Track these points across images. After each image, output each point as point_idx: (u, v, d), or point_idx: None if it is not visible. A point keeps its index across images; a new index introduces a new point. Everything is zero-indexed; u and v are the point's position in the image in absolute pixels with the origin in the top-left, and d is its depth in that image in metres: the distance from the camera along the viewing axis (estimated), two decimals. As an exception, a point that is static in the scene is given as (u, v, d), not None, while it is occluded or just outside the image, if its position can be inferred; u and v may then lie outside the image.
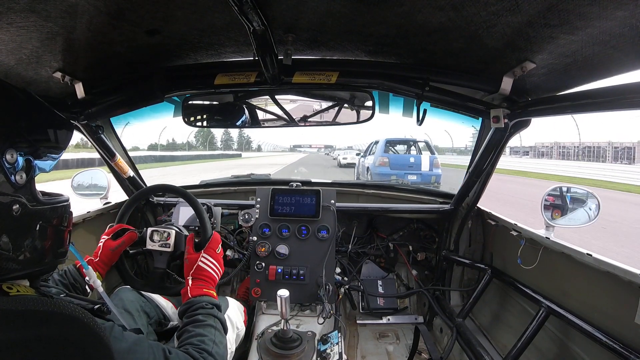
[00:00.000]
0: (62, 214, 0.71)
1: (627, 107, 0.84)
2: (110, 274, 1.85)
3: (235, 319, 1.39)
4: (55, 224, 0.69)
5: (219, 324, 0.93)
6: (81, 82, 1.27)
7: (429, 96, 1.28)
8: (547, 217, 1.46)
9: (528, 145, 44.04)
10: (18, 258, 0.60)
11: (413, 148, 10.30)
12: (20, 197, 0.61)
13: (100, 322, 0.61)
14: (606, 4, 0.68)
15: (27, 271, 0.63)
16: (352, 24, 0.97)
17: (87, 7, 0.81)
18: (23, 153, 0.61)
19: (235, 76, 1.31)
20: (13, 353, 0.47)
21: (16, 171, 0.60)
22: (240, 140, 72.63)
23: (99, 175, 1.98)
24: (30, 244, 0.63)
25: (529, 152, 42.35)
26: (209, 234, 1.17)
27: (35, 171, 0.64)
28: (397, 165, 9.25)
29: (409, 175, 9.04)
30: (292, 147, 77.62)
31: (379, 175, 9.13)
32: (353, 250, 2.07)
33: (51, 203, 0.68)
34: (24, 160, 0.61)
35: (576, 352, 1.23)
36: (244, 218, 1.83)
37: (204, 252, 1.08)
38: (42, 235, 0.66)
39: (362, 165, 11.08)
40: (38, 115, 0.67)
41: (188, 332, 0.87)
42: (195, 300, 0.97)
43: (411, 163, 9.28)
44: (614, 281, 1.07)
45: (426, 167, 9.18)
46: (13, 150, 0.59)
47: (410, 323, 2.10)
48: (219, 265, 1.10)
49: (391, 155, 9.76)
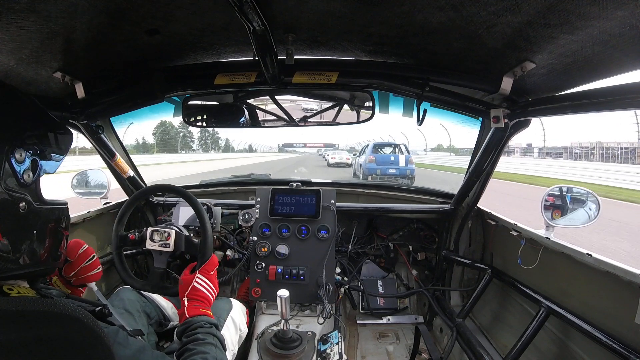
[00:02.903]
0: (61, 217, 0.74)
1: (627, 107, 0.84)
2: (110, 274, 1.86)
3: (239, 320, 1.39)
4: (55, 226, 0.72)
5: (218, 342, 0.94)
6: (81, 82, 1.27)
7: (429, 96, 1.28)
8: (547, 217, 1.46)
9: (561, 146, 37.78)
10: (18, 257, 0.61)
11: (396, 149, 13.40)
12: (26, 195, 0.63)
13: (103, 326, 0.61)
14: (606, 4, 0.68)
15: (26, 270, 0.64)
16: (352, 24, 0.97)
17: (87, 7, 0.81)
18: (31, 153, 0.64)
19: (235, 76, 1.30)
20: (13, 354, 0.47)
21: (24, 170, 0.62)
22: (202, 137, 54.83)
23: (99, 174, 1.98)
24: (30, 243, 0.64)
25: (562, 154, 35.99)
26: (207, 255, 1.16)
27: (41, 172, 0.67)
28: (381, 162, 12.51)
29: (390, 169, 12.26)
30: (282, 146, 62.52)
31: (368, 169, 12.42)
32: (353, 250, 2.07)
33: (53, 204, 0.70)
34: (30, 161, 0.64)
35: (576, 352, 1.23)
36: (244, 218, 1.83)
37: (199, 273, 1.08)
38: (43, 235, 0.67)
39: (357, 163, 14.61)
40: (43, 118, 0.71)
41: (189, 351, 0.87)
42: (194, 320, 0.97)
43: (392, 160, 12.60)
44: (614, 281, 1.07)
45: (403, 164, 12.34)
46: (22, 149, 0.62)
47: (410, 323, 2.10)
48: (214, 287, 1.10)
49: (377, 154, 12.98)
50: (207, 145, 56.36)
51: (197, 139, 54.54)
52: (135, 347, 0.70)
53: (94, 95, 1.34)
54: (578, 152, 34.84)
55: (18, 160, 0.61)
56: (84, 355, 0.55)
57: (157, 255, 1.30)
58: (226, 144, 61.93)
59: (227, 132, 63.70)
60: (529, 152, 40.34)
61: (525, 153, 39.88)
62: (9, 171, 0.60)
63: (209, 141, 56.68)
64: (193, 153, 49.02)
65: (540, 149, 37.92)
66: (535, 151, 39.20)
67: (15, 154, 0.60)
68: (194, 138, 53.32)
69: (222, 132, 56.88)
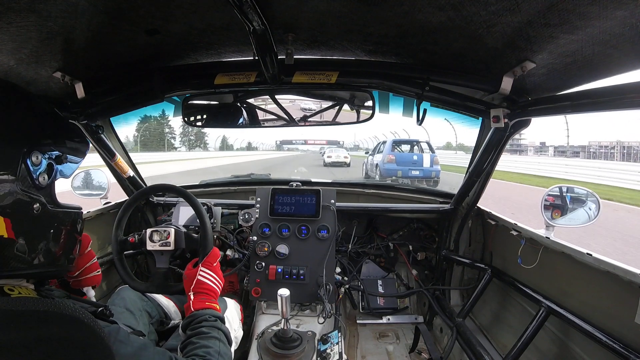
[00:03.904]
0: (76, 220, 0.77)
1: (627, 107, 0.84)
2: (110, 274, 1.87)
3: (233, 320, 1.39)
4: (70, 229, 0.74)
5: (223, 335, 0.93)
6: (81, 82, 1.26)
7: (429, 96, 1.28)
8: (547, 217, 1.47)
9: (578, 145, 34.89)
10: (33, 257, 0.64)
11: (416, 147, 11.58)
12: (41, 197, 0.65)
13: (103, 325, 0.62)
14: (606, 4, 0.68)
15: (39, 270, 0.66)
16: (352, 23, 0.97)
17: (87, 7, 0.81)
18: (47, 157, 0.67)
19: (235, 76, 1.30)
20: (13, 354, 0.47)
21: (39, 173, 0.65)
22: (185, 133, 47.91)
23: (99, 174, 1.98)
24: (46, 244, 0.67)
25: (579, 153, 33.19)
26: (208, 248, 1.16)
27: (56, 175, 0.70)
28: (402, 162, 10.69)
29: (413, 171, 10.45)
30: (279, 144, 56.92)
31: (387, 170, 10.60)
32: (353, 250, 2.07)
33: (67, 208, 0.73)
34: (47, 164, 0.67)
35: (576, 352, 1.23)
36: (244, 218, 1.83)
37: (202, 266, 1.08)
38: (57, 237, 0.70)
39: (370, 163, 12.54)
40: (59, 123, 0.74)
41: (193, 344, 0.87)
42: (199, 313, 0.97)
43: (414, 160, 10.73)
44: (614, 281, 1.07)
45: (427, 164, 10.52)
46: (39, 152, 0.64)
47: (410, 323, 2.11)
48: (219, 278, 1.09)
49: (397, 153, 11.16)
50: (191, 143, 50.59)
51: (179, 134, 48.16)
52: (137, 345, 0.70)
53: (94, 95, 1.34)
54: (597, 151, 32.68)
55: (34, 163, 0.64)
56: (84, 355, 0.55)
57: (159, 256, 1.30)
58: (223, 141, 57.53)
59: (223, 130, 57.69)
60: (543, 151, 38.63)
61: (540, 152, 38.16)
62: (24, 173, 0.62)
63: (192, 137, 49.95)
64: (175, 152, 43.96)
65: (556, 147, 36.24)
66: (551, 150, 37.42)
67: (32, 156, 0.63)
68: (175, 134, 47.73)
69: (215, 130, 51.21)
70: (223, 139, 58.45)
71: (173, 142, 47.49)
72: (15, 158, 0.61)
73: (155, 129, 42.53)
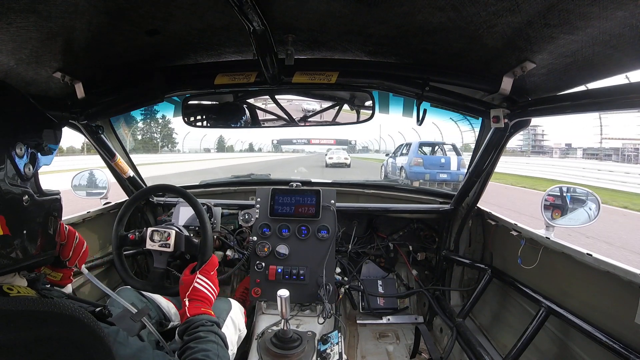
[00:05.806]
0: (59, 207, 0.77)
1: (627, 107, 0.84)
2: (110, 274, 1.86)
3: (238, 320, 1.39)
4: (55, 215, 0.74)
5: (220, 339, 0.94)
6: (81, 82, 1.27)
7: (429, 96, 1.28)
8: (547, 217, 1.47)
9: (610, 147, 30.71)
10: (29, 250, 0.64)
11: (442, 149, 11.27)
12: (28, 189, 0.65)
13: (103, 326, 0.62)
14: (606, 4, 0.68)
15: (33, 261, 0.67)
16: (352, 24, 0.97)
17: (87, 7, 0.81)
18: (29, 147, 0.66)
19: (235, 76, 1.30)
20: (13, 354, 0.47)
21: (25, 164, 0.65)
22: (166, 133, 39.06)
23: (99, 175, 1.98)
24: (36, 234, 0.67)
25: (612, 155, 29.19)
26: (207, 255, 1.16)
27: (39, 164, 0.69)
28: (430, 165, 10.27)
29: (440, 174, 10.05)
30: (277, 144, 49.36)
31: (414, 174, 10.24)
32: (353, 250, 2.07)
33: (50, 194, 0.73)
34: (29, 154, 0.66)
35: (576, 352, 1.23)
36: (244, 218, 1.83)
37: (199, 274, 1.08)
38: (45, 226, 0.70)
39: (391, 165, 12.29)
40: (37, 113, 0.73)
41: (191, 349, 0.87)
42: (195, 318, 0.97)
43: (442, 163, 10.30)
44: (614, 281, 1.07)
45: (455, 167, 10.08)
46: (22, 144, 0.64)
47: (410, 323, 2.11)
48: (214, 287, 1.10)
49: (424, 156, 10.82)
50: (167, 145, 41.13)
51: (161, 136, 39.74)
52: (136, 347, 0.70)
53: (94, 95, 1.34)
54: (631, 153, 28.64)
55: (19, 155, 0.63)
56: (84, 355, 0.55)
57: (157, 256, 1.30)
58: (220, 142, 52.31)
59: (221, 131, 55.97)
60: (570, 153, 36.27)
61: (567, 154, 35.74)
62: (11, 166, 0.62)
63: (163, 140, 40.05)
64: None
65: (585, 149, 33.48)
66: (579, 152, 34.91)
67: (16, 148, 0.63)
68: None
69: (213, 131, 44.94)
70: (220, 140, 54.30)
71: (160, 142, 41.26)
72: (0, 152, 0.60)
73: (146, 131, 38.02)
